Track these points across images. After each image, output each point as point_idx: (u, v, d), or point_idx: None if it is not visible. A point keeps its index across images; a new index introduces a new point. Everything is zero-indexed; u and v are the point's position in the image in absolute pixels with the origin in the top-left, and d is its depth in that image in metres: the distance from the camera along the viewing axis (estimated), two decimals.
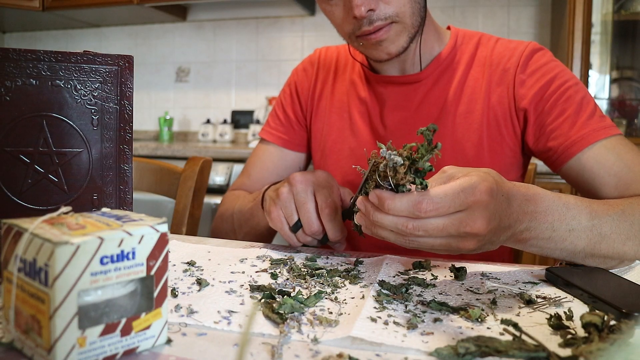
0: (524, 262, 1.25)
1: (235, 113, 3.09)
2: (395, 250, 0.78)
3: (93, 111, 0.62)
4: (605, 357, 0.40)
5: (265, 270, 0.67)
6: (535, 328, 0.49)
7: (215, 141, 2.97)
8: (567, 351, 0.44)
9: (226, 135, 2.95)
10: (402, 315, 0.52)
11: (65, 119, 0.61)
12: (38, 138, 0.60)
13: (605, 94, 2.28)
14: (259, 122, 2.94)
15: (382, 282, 0.60)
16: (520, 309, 0.54)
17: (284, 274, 0.66)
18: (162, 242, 0.43)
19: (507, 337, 0.46)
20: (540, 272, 0.67)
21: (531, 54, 0.91)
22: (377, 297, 0.56)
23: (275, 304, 0.52)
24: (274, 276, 0.64)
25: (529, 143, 0.90)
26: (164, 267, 0.43)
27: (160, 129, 3.07)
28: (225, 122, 2.99)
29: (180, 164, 1.27)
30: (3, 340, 0.43)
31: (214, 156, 2.32)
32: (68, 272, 0.37)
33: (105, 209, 0.48)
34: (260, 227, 0.90)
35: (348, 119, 1.02)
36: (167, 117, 3.08)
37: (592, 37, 2.18)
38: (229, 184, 2.32)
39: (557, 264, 0.72)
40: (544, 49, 0.93)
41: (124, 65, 0.64)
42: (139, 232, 0.41)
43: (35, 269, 0.38)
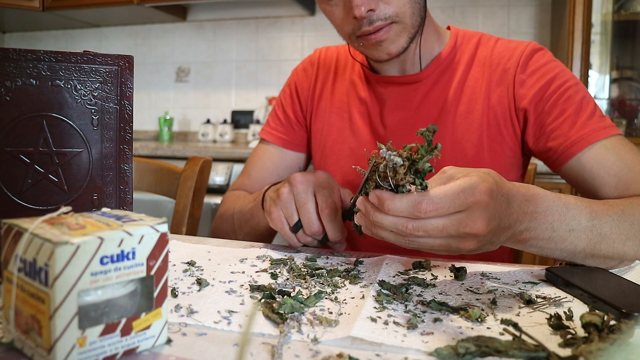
0: (524, 262, 1.25)
1: (235, 113, 3.09)
2: (395, 250, 0.78)
3: (93, 111, 0.62)
4: (605, 357, 0.40)
5: (265, 270, 0.67)
6: (535, 328, 0.49)
7: (215, 141, 2.97)
8: (567, 351, 0.44)
9: (226, 135, 2.95)
10: (402, 315, 0.52)
11: (65, 119, 0.61)
12: (38, 138, 0.60)
13: (605, 94, 2.28)
14: (259, 122, 2.94)
15: (382, 282, 0.60)
16: (520, 309, 0.54)
17: (284, 274, 0.66)
18: (162, 242, 0.43)
19: (507, 337, 0.46)
20: (540, 272, 0.67)
21: (531, 54, 0.91)
22: (377, 297, 0.56)
23: (275, 304, 0.52)
24: (274, 276, 0.64)
25: (529, 143, 0.90)
26: (164, 267, 0.43)
27: (160, 129, 3.07)
28: (225, 122, 2.99)
29: (180, 164, 1.27)
30: (3, 340, 0.43)
31: (214, 156, 2.32)
32: (68, 272, 0.38)
33: (105, 209, 0.48)
34: (260, 227, 0.90)
35: (348, 119, 1.01)
36: (167, 117, 3.08)
37: (592, 37, 2.18)
38: (229, 184, 2.32)
39: (557, 264, 0.72)
40: (543, 49, 0.93)
41: (124, 65, 0.64)
42: (139, 232, 0.41)
43: (35, 269, 0.38)
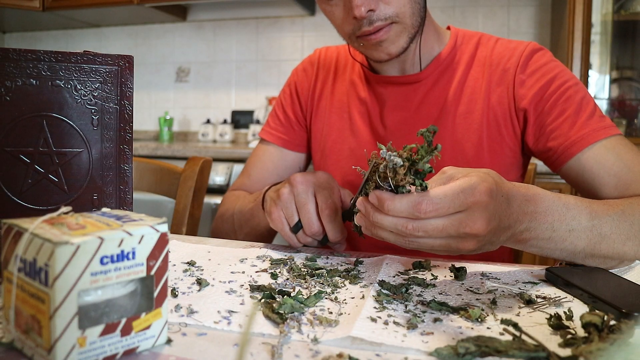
0: (524, 262, 1.25)
1: (235, 113, 3.09)
2: (395, 251, 0.78)
3: (93, 111, 0.62)
4: (605, 357, 0.40)
5: (265, 270, 0.67)
6: (535, 328, 0.49)
7: (215, 141, 2.97)
8: (567, 351, 0.44)
9: (226, 135, 2.95)
10: (402, 315, 0.52)
11: (65, 119, 0.61)
12: (38, 138, 0.60)
13: (605, 94, 2.28)
14: (259, 122, 2.94)
15: (382, 282, 0.60)
16: (520, 309, 0.54)
17: (284, 274, 0.66)
18: (162, 242, 0.43)
19: (507, 337, 0.46)
20: (540, 272, 0.67)
21: (531, 54, 0.91)
22: (377, 297, 0.56)
23: (275, 304, 0.52)
24: (274, 276, 0.64)
25: (529, 143, 0.90)
26: (164, 267, 0.43)
27: (160, 129, 3.07)
28: (225, 122, 2.99)
29: (180, 164, 1.27)
30: (3, 340, 0.43)
31: (214, 156, 2.32)
32: (68, 272, 0.38)
33: (105, 209, 0.48)
34: (260, 227, 0.90)
35: (348, 119, 1.01)
36: (167, 117, 3.08)
37: (592, 37, 2.18)
38: (229, 184, 2.32)
39: (557, 264, 0.72)
40: (543, 49, 0.93)
41: (124, 65, 0.64)
42: (139, 232, 0.41)
43: (35, 269, 0.38)
